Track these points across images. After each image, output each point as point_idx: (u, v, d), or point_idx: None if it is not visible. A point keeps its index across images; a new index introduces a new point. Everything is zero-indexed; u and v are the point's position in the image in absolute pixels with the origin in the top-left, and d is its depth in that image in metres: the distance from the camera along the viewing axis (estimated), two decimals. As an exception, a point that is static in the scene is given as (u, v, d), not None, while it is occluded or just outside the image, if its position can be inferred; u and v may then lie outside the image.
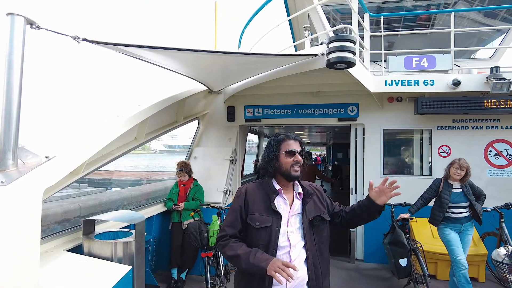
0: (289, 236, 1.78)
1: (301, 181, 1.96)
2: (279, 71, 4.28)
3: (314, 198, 1.93)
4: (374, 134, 5.50)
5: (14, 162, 1.91)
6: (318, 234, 1.86)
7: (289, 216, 1.82)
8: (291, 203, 1.86)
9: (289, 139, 1.90)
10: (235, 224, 1.85)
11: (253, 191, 1.88)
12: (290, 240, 1.77)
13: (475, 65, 6.54)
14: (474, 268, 4.49)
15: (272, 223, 1.77)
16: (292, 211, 1.84)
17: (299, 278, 1.75)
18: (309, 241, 1.80)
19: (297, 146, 1.89)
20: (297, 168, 1.84)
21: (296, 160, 1.84)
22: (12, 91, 1.88)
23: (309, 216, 1.83)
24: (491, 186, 5.05)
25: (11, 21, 1.88)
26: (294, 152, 1.85)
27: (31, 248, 1.84)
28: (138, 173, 27.23)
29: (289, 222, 1.81)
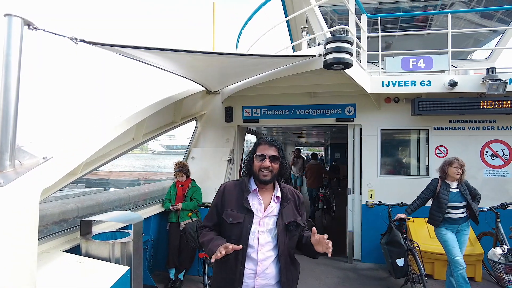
0: (259, 235, 1.83)
1: (282, 185, 1.99)
2: (276, 72, 4.29)
3: (292, 203, 1.96)
4: (371, 134, 5.52)
5: (11, 162, 1.90)
6: (290, 239, 1.90)
7: (262, 217, 1.86)
8: (267, 205, 1.90)
9: (264, 143, 1.93)
10: (212, 218, 1.96)
11: (231, 188, 1.96)
12: (259, 239, 1.82)
13: (472, 66, 6.58)
14: (471, 268, 4.52)
15: (244, 220, 1.83)
16: (266, 212, 1.88)
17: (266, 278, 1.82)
18: (282, 244, 1.84)
19: (270, 151, 1.90)
20: (266, 173, 1.87)
21: (264, 165, 1.87)
22: (9, 92, 1.87)
23: (286, 220, 1.87)
24: (487, 186, 5.09)
25: (9, 22, 1.88)
26: (264, 157, 1.88)
27: (29, 249, 1.84)
28: (136, 174, 27.18)
29: (261, 222, 1.85)
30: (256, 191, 1.91)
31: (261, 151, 1.91)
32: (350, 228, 5.61)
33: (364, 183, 5.52)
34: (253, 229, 1.83)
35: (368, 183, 5.48)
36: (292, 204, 1.96)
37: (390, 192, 5.31)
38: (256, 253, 1.81)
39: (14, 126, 1.90)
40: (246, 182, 1.94)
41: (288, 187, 2.03)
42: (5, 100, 1.86)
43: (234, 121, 5.97)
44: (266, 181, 1.88)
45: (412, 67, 5.01)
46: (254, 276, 1.80)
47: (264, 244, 1.83)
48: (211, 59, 3.63)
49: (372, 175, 5.48)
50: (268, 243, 1.84)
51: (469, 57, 7.51)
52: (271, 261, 1.83)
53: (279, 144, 1.95)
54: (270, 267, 1.83)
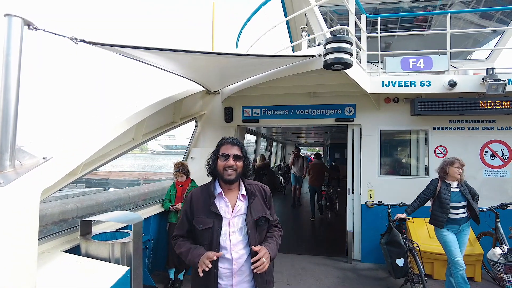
0: (230, 236, 1.88)
1: (247, 182, 2.04)
2: (276, 72, 4.29)
3: (259, 198, 2.02)
4: (371, 134, 5.52)
5: (11, 163, 1.90)
6: (260, 234, 1.96)
7: (231, 217, 1.91)
8: (234, 205, 1.94)
9: (226, 143, 1.98)
10: (183, 226, 2.00)
11: (197, 195, 2.00)
12: (231, 240, 1.88)
13: (471, 66, 6.60)
14: (470, 268, 4.53)
15: (213, 224, 1.88)
16: (234, 213, 1.92)
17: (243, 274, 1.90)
18: (253, 240, 1.90)
19: (233, 150, 1.95)
20: (230, 172, 1.91)
21: (227, 164, 1.91)
22: (9, 92, 1.87)
23: (255, 216, 1.93)
24: (486, 186, 5.10)
25: (9, 22, 1.87)
26: (227, 156, 1.93)
27: (29, 249, 1.84)
28: (136, 174, 27.17)
29: (230, 223, 1.90)
30: (221, 193, 1.96)
31: (224, 151, 1.95)
32: (350, 228, 5.61)
33: (363, 183, 5.52)
34: (223, 232, 1.88)
35: (367, 183, 5.49)
36: (259, 198, 2.01)
37: (389, 192, 5.31)
38: (230, 253, 1.87)
39: (14, 126, 1.89)
40: (212, 186, 1.99)
41: (254, 183, 2.09)
42: (5, 100, 1.86)
43: (234, 121, 5.98)
44: (231, 180, 1.92)
45: (412, 67, 5.02)
46: (232, 275, 1.88)
47: (236, 243, 1.89)
48: (211, 59, 3.63)
49: (372, 175, 5.49)
50: (240, 242, 1.90)
51: (469, 57, 7.52)
52: (245, 258, 1.90)
53: (241, 143, 2.02)
54: (245, 264, 1.90)
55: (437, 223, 3.88)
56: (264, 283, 1.95)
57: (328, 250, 6.13)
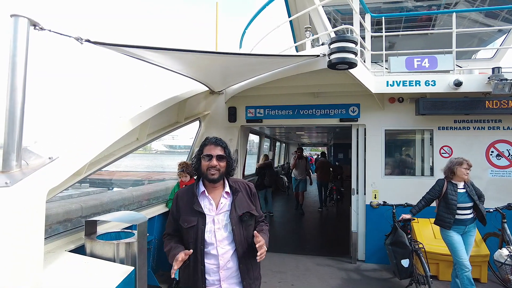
0: (215, 233, 1.93)
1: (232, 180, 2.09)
2: (280, 71, 4.28)
3: (244, 194, 2.06)
4: (375, 134, 5.50)
5: (18, 163, 1.91)
6: (246, 229, 1.99)
7: (216, 215, 1.96)
8: (218, 202, 1.99)
9: (210, 143, 2.02)
10: (170, 225, 2.08)
11: (183, 195, 2.06)
12: (216, 237, 1.92)
13: (477, 65, 6.54)
14: (476, 269, 4.49)
15: (198, 222, 1.92)
16: (218, 210, 1.97)
17: (229, 270, 1.93)
18: (238, 235, 1.94)
19: (217, 151, 1.99)
20: (213, 171, 1.95)
21: (211, 164, 1.95)
22: (15, 92, 1.88)
23: (239, 212, 1.97)
24: (492, 187, 5.06)
25: (15, 22, 1.88)
26: (211, 157, 1.97)
27: (35, 248, 1.84)
28: (139, 174, 27.24)
29: (215, 220, 1.95)
30: (204, 192, 2.00)
31: (207, 151, 2.00)
32: (354, 229, 5.59)
33: (368, 183, 5.49)
34: (208, 228, 1.93)
35: (372, 184, 5.46)
36: (243, 195, 2.06)
37: (394, 193, 5.28)
38: (216, 249, 1.92)
39: (21, 127, 1.90)
40: (195, 186, 2.05)
41: (239, 180, 2.14)
42: (12, 100, 1.87)
43: (238, 121, 5.97)
44: (215, 179, 1.97)
45: (417, 67, 4.99)
46: (218, 270, 1.92)
47: (222, 239, 1.93)
48: (215, 58, 3.63)
49: (376, 175, 5.46)
50: (225, 238, 1.94)
51: (474, 57, 7.47)
52: (231, 254, 1.94)
53: (225, 143, 2.06)
54: (231, 260, 1.94)
55: (444, 224, 3.84)
56: (251, 278, 1.99)
57: (332, 250, 6.11)
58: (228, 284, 1.94)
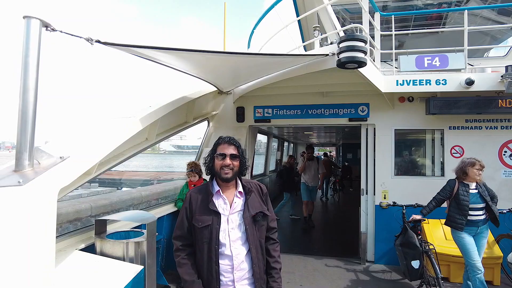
0: (229, 233, 1.93)
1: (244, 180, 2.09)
2: (288, 71, 4.26)
3: (256, 195, 2.06)
4: (385, 134, 5.44)
5: (30, 162, 1.94)
6: (259, 230, 2.00)
7: (229, 214, 1.96)
8: (231, 202, 1.99)
9: (223, 142, 2.03)
10: (183, 225, 2.02)
11: (196, 194, 2.04)
12: (230, 237, 1.92)
13: (489, 63, 6.41)
14: (489, 271, 4.39)
15: (212, 222, 1.93)
16: (232, 210, 1.97)
17: (243, 270, 1.93)
18: (251, 235, 1.94)
19: (230, 150, 1.99)
20: (227, 170, 1.96)
21: (224, 163, 1.96)
22: (28, 92, 1.91)
23: (252, 212, 1.97)
24: (506, 187, 4.96)
25: (27, 24, 1.91)
26: (224, 156, 1.97)
27: (47, 247, 1.86)
28: (148, 173, 27.45)
29: (229, 220, 1.95)
30: (219, 191, 2.00)
31: (221, 150, 2.00)
32: (363, 229, 5.53)
33: (377, 183, 5.44)
34: (222, 228, 1.93)
35: (381, 184, 5.41)
36: (256, 195, 2.05)
37: (404, 193, 5.22)
38: (230, 249, 1.91)
39: (33, 127, 1.93)
40: (210, 185, 2.05)
41: (251, 181, 2.13)
42: (24, 101, 1.90)
43: (246, 121, 5.97)
44: (228, 178, 1.97)
45: (427, 66, 4.91)
46: (232, 271, 1.91)
47: (235, 239, 1.93)
48: (223, 58, 3.64)
49: (386, 175, 5.40)
50: (238, 238, 1.94)
51: (486, 55, 7.33)
52: (244, 254, 1.94)
53: (238, 143, 2.07)
54: (244, 260, 1.94)
55: (456, 226, 3.78)
56: (263, 279, 2.00)
57: (341, 251, 6.06)
58: (241, 285, 1.93)
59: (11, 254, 1.70)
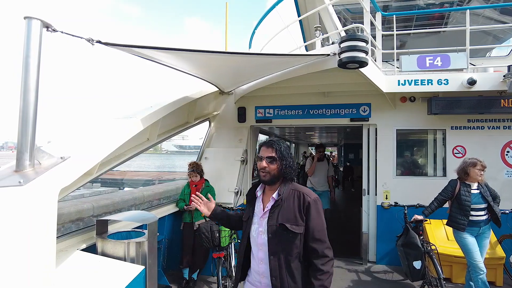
0: (258, 234, 1.95)
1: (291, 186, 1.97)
2: (290, 71, 4.26)
3: (291, 204, 1.90)
4: (386, 134, 5.42)
5: (31, 162, 1.94)
6: (283, 244, 1.86)
7: (260, 217, 1.98)
8: (265, 206, 1.99)
9: (263, 145, 2.03)
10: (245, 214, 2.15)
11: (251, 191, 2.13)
12: (257, 239, 1.96)
13: (491, 63, 6.39)
14: (491, 272, 4.37)
15: (248, 219, 2.03)
16: (263, 214, 1.97)
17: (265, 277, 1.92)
18: (272, 245, 1.88)
19: (267, 152, 1.97)
20: (264, 173, 1.95)
21: (260, 166, 1.96)
22: (29, 93, 1.91)
23: (275, 222, 1.88)
24: (508, 188, 4.94)
25: (28, 24, 1.91)
26: (261, 158, 1.97)
27: (47, 247, 1.86)
28: (150, 173, 27.51)
29: (259, 222, 1.98)
30: (257, 193, 2.07)
31: (260, 153, 2.01)
32: (365, 230, 5.52)
33: (379, 184, 5.42)
34: (253, 228, 1.99)
35: (383, 184, 5.39)
36: (293, 204, 1.90)
37: (406, 193, 5.20)
38: (257, 249, 1.95)
39: (34, 127, 1.93)
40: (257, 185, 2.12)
41: (297, 189, 1.97)
42: (25, 101, 1.90)
43: (247, 122, 5.97)
44: (265, 181, 1.97)
45: (429, 66, 4.89)
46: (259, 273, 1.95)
47: (262, 243, 1.93)
48: (224, 58, 3.64)
49: (388, 175, 5.39)
50: (263, 244, 1.92)
51: (488, 55, 7.30)
52: (266, 261, 1.91)
53: (279, 145, 1.98)
54: (265, 268, 1.92)
55: (458, 226, 3.77)
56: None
57: (342, 251, 6.04)
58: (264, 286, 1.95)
59: (12, 254, 1.70)
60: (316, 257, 1.87)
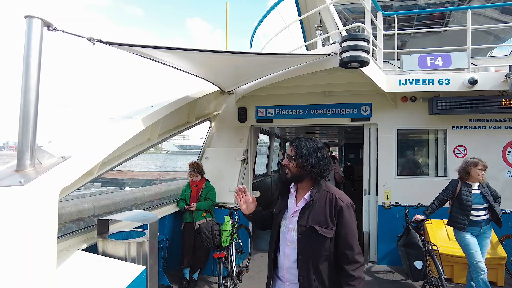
0: (288, 231, 1.94)
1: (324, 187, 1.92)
2: (290, 71, 4.25)
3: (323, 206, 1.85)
4: (387, 134, 5.41)
5: (31, 162, 1.94)
6: (312, 245, 1.83)
7: (291, 215, 1.96)
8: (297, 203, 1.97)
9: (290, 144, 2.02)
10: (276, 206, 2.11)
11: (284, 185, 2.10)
12: (287, 235, 1.93)
13: (492, 63, 6.38)
14: (493, 272, 4.36)
15: (279, 213, 2.01)
16: (292, 211, 1.96)
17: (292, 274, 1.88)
18: (301, 244, 1.86)
19: (288, 150, 1.99)
20: (286, 171, 1.97)
21: (283, 163, 1.99)
22: (30, 92, 1.90)
23: (306, 223, 1.85)
24: (510, 188, 4.93)
25: (29, 23, 1.91)
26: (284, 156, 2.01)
27: (48, 247, 1.86)
28: (151, 173, 27.51)
29: (289, 219, 1.96)
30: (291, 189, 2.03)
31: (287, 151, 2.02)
32: (366, 230, 5.51)
33: (380, 183, 5.41)
34: (283, 223, 1.97)
35: (384, 184, 5.38)
36: (324, 207, 1.85)
37: (407, 193, 5.19)
38: (284, 246, 1.94)
39: (34, 126, 1.93)
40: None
41: (330, 191, 1.91)
42: (26, 100, 1.89)
43: (248, 121, 5.96)
44: (287, 178, 1.97)
45: (430, 65, 4.89)
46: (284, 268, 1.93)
47: (290, 240, 1.91)
48: (225, 58, 3.63)
49: (389, 175, 5.38)
50: (292, 242, 1.90)
51: (489, 54, 7.29)
52: (294, 259, 1.88)
53: (299, 143, 1.94)
54: (293, 266, 1.89)
55: (458, 226, 3.76)
56: None
57: None
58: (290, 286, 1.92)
59: (12, 254, 1.70)
60: (347, 263, 1.82)
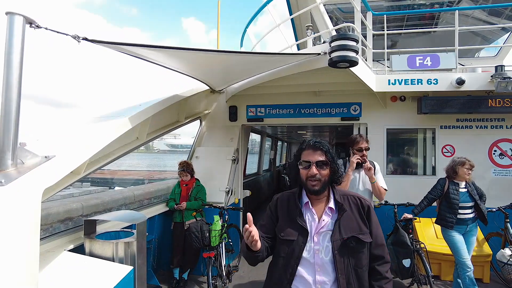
0: (315, 253, 1.62)
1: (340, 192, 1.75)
2: (281, 70, 4.25)
3: (352, 211, 1.68)
4: (377, 133, 5.45)
5: (13, 162, 1.89)
6: (354, 257, 1.61)
7: (315, 233, 1.64)
8: (320, 218, 1.67)
9: (308, 148, 1.70)
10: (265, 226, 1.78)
11: (284, 202, 1.78)
12: (315, 259, 1.61)
13: (479, 63, 6.48)
14: (479, 269, 4.44)
15: (297, 238, 1.64)
16: (319, 227, 1.65)
17: None
18: (340, 263, 1.58)
19: (316, 156, 1.66)
20: (314, 182, 1.64)
21: (310, 173, 1.64)
22: (11, 90, 1.86)
23: (344, 235, 1.60)
24: (495, 186, 5.01)
25: (10, 20, 1.86)
26: (309, 163, 1.65)
27: (30, 248, 1.82)
28: (141, 173, 27.27)
29: (315, 238, 1.63)
30: (308, 204, 1.71)
31: (305, 157, 1.68)
32: None
33: None
34: (308, 248, 1.62)
35: None
36: (354, 212, 1.68)
37: (396, 192, 5.21)
38: (314, 274, 1.60)
39: (16, 125, 1.88)
40: (299, 194, 1.75)
41: (350, 194, 1.77)
42: (7, 99, 1.85)
43: (239, 120, 5.95)
44: (316, 191, 1.65)
45: (419, 65, 4.94)
46: None
47: (322, 264, 1.60)
48: (215, 57, 3.61)
49: None
50: (326, 264, 1.60)
51: (477, 55, 7.40)
52: (330, 284, 1.59)
53: (326, 146, 1.70)
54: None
55: (446, 224, 3.81)
56: None
57: None
58: None
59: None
60: (381, 264, 1.70)
